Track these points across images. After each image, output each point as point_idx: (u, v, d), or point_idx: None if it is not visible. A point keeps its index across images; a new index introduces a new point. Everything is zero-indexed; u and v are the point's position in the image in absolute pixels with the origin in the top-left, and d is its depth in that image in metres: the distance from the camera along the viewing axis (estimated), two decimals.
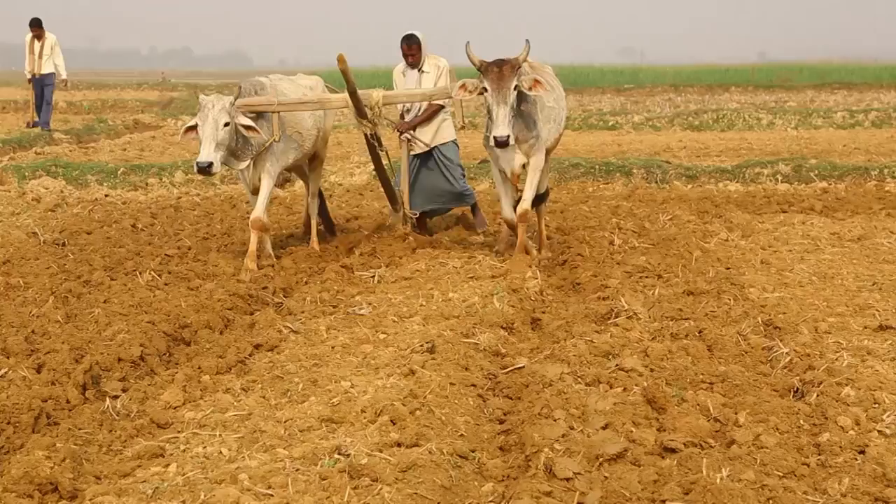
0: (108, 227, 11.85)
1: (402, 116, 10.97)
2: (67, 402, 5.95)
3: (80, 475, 4.90)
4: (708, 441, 5.04)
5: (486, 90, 9.12)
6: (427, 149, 10.85)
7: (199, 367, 6.59)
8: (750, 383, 5.87)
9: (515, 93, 9.10)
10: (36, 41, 22.50)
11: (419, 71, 10.77)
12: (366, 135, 10.38)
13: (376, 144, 10.42)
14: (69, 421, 5.66)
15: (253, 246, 9.56)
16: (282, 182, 16.20)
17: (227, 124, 9.28)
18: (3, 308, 7.88)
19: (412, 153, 10.91)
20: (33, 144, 21.23)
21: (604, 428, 5.10)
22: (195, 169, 9.20)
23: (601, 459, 4.76)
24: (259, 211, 9.68)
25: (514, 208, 9.71)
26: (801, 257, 9.90)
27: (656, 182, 15.67)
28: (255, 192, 9.85)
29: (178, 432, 5.49)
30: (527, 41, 9.10)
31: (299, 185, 15.49)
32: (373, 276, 9.19)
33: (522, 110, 9.31)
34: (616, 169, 16.08)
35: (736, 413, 5.39)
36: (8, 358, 6.60)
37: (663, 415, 5.40)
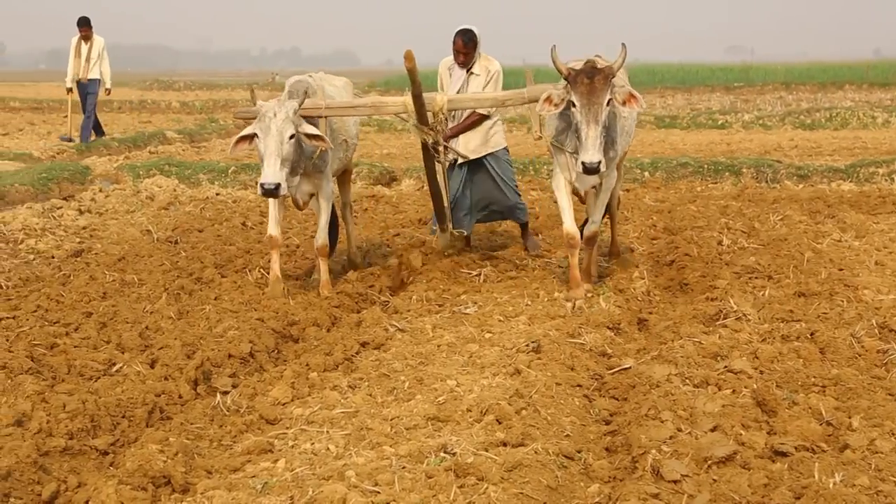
0: (219, 225, 12.06)
1: (445, 122, 9.30)
2: (180, 397, 6.08)
3: (191, 469, 5.00)
4: (820, 445, 4.95)
5: (573, 105, 7.75)
6: (466, 159, 9.65)
7: (307, 365, 6.67)
8: (864, 387, 5.75)
9: (609, 109, 7.76)
10: (83, 43, 20.20)
11: (468, 72, 9.56)
12: (425, 144, 8.94)
13: (436, 155, 9.02)
14: (181, 416, 5.78)
15: (325, 275, 8.75)
16: (388, 181, 16.32)
17: (292, 136, 7.98)
18: (118, 304, 8.08)
19: (450, 162, 9.57)
20: (147, 144, 21.75)
21: (712, 430, 5.05)
22: (259, 191, 7.93)
23: (710, 462, 4.71)
24: (323, 236, 8.79)
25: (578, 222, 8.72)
26: None
27: (766, 181, 15.43)
28: (301, 208, 8.98)
29: (287, 428, 5.55)
30: (623, 45, 7.86)
31: (405, 184, 15.59)
32: (478, 275, 9.19)
33: (606, 125, 7.85)
34: (725, 168, 15.89)
35: (849, 417, 5.28)
36: (123, 353, 6.78)
37: (774, 418, 5.31)
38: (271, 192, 7.84)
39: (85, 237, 11.35)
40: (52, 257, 10.15)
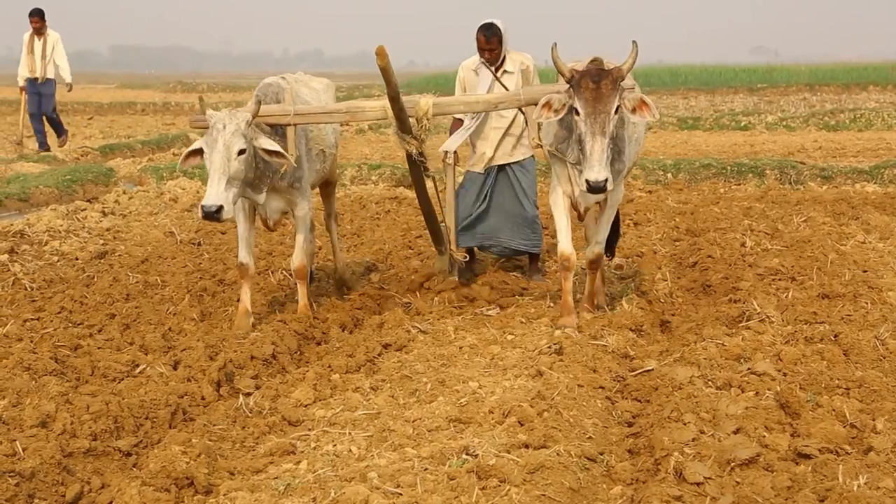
0: None
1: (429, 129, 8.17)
2: (202, 398, 6.11)
3: (214, 470, 5.01)
4: (844, 447, 4.92)
5: (576, 112, 6.72)
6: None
7: (330, 366, 6.68)
8: (888, 389, 5.71)
9: (617, 117, 6.71)
10: (36, 38, 18.22)
11: (497, 70, 8.66)
12: (409, 154, 8.08)
13: (422, 167, 8.16)
14: (204, 417, 5.79)
15: (304, 298, 7.87)
16: (410, 183, 16.31)
17: (242, 151, 6.97)
18: (141, 306, 8.12)
19: (475, 170, 8.95)
20: (171, 146, 21.84)
21: (735, 432, 5.03)
22: (199, 214, 6.89)
23: (733, 464, 4.69)
24: (301, 256, 7.87)
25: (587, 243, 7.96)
26: None
27: (790, 183, 15.37)
28: (272, 228, 8.06)
29: (309, 430, 5.56)
30: (634, 43, 6.85)
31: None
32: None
33: (614, 133, 6.81)
34: (748, 170, 15.84)
35: (874, 419, 5.25)
36: (146, 354, 6.82)
37: (797, 420, 5.29)
38: (212, 215, 6.78)
39: (108, 239, 11.40)
40: (76, 259, 10.21)
